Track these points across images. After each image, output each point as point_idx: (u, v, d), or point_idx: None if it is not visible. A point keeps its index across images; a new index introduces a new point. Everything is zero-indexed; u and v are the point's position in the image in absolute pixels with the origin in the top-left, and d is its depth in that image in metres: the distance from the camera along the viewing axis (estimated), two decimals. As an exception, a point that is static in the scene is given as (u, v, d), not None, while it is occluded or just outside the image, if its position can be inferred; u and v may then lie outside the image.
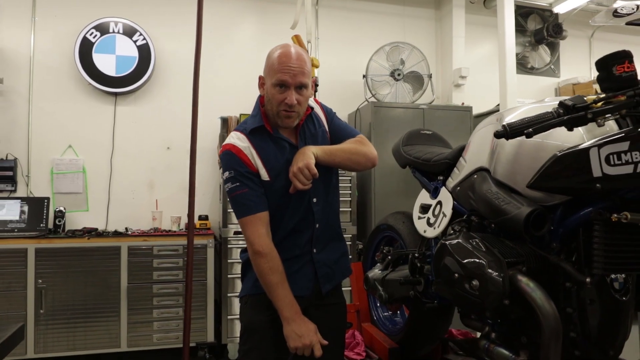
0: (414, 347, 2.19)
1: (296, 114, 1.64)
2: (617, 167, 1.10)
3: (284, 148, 1.69)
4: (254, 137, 1.67)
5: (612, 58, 1.10)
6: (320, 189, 1.74)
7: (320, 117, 1.83)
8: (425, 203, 2.00)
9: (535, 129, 1.13)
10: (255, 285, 1.72)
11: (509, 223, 1.35)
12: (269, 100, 1.65)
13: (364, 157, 1.76)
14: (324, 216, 1.76)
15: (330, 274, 1.78)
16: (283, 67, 1.59)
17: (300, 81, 1.61)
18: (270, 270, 1.60)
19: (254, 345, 1.71)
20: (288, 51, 1.61)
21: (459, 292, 1.37)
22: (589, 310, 1.29)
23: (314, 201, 1.72)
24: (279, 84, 1.60)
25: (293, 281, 1.68)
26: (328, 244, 1.80)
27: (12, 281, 3.47)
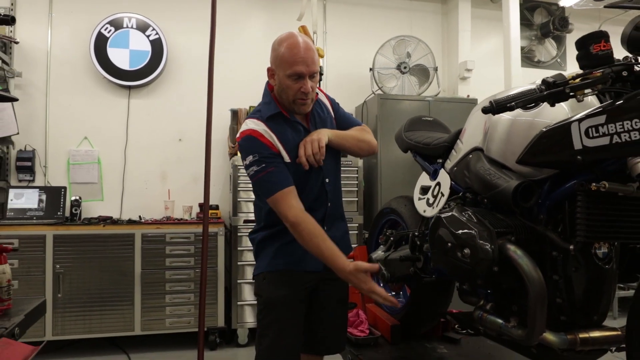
0: (415, 323, 2.29)
1: (310, 100, 1.76)
2: (595, 139, 1.18)
3: (299, 131, 1.80)
4: (271, 123, 1.75)
5: (589, 38, 1.19)
6: (331, 171, 1.87)
7: (327, 105, 1.94)
8: (425, 185, 2.09)
9: (517, 103, 1.22)
10: (272, 263, 1.82)
11: (499, 196, 1.44)
12: (284, 90, 1.73)
13: (368, 144, 1.92)
14: (334, 196, 1.89)
15: None
16: (296, 59, 1.67)
17: (314, 70, 1.71)
18: (310, 236, 1.67)
19: (273, 319, 1.79)
20: (296, 42, 1.70)
21: (452, 260, 1.47)
22: (573, 277, 1.38)
23: (326, 181, 1.83)
24: (294, 75, 1.68)
25: (308, 257, 1.77)
26: (335, 223, 1.91)
27: (32, 266, 3.62)
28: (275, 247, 1.83)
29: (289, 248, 1.80)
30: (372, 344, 2.25)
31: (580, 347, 1.36)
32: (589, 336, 1.37)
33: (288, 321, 1.79)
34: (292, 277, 1.81)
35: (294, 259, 1.80)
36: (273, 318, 1.79)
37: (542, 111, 1.42)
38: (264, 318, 1.82)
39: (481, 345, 2.26)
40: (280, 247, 1.82)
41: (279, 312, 1.79)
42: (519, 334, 1.43)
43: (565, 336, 1.36)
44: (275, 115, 1.76)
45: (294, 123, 1.79)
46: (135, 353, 3.78)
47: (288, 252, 1.81)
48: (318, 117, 1.87)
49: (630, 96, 1.13)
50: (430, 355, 2.13)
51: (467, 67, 4.81)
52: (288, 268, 1.81)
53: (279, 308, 1.79)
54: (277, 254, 1.83)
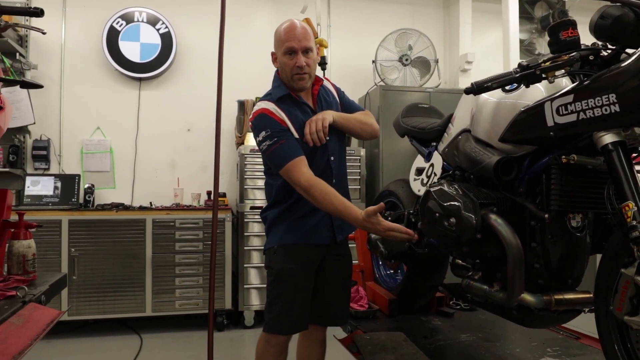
0: (411, 298, 2.44)
1: (308, 75, 1.91)
2: (564, 117, 1.32)
3: (306, 112, 1.95)
4: (281, 104, 1.91)
5: (559, 25, 1.33)
6: (336, 150, 2.01)
7: (332, 91, 2.10)
8: (420, 166, 2.24)
9: (494, 84, 1.36)
10: (284, 238, 1.96)
11: (483, 171, 1.59)
12: (282, 69, 1.92)
13: (370, 127, 2.07)
14: (339, 173, 2.02)
15: (342, 225, 2.01)
16: (289, 37, 1.86)
17: (305, 45, 1.87)
18: (323, 195, 1.78)
19: (284, 290, 1.93)
20: (292, 23, 1.89)
21: (439, 229, 1.61)
22: (549, 244, 1.51)
23: (331, 159, 1.98)
24: (287, 51, 1.86)
25: (316, 231, 1.95)
26: None
27: (48, 249, 3.79)
28: (285, 224, 1.97)
29: (298, 223, 1.95)
30: (370, 317, 2.40)
31: (555, 307, 1.50)
32: (563, 297, 1.51)
33: (297, 292, 1.93)
34: (301, 250, 1.95)
35: (302, 233, 1.94)
36: (283, 288, 1.93)
37: (522, 94, 1.56)
38: (274, 288, 1.95)
39: (473, 319, 2.41)
40: (290, 223, 1.96)
41: (289, 283, 1.93)
42: (501, 297, 1.57)
43: (542, 297, 1.50)
44: (284, 96, 1.92)
45: (301, 104, 1.94)
46: (147, 333, 3.96)
47: (297, 227, 1.95)
48: (324, 101, 2.02)
49: (594, 77, 1.27)
50: (424, 326, 2.28)
51: (467, 60, 4.94)
52: (297, 242, 1.95)
53: (289, 279, 1.93)
54: (287, 229, 1.96)
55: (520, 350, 1.97)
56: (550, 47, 1.35)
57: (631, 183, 1.22)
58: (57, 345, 3.68)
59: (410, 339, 2.03)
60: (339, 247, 2.05)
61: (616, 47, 1.33)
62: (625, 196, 1.22)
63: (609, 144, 1.27)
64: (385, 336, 2.06)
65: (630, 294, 1.21)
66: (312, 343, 2.08)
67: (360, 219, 1.74)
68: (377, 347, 1.92)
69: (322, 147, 1.90)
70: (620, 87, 1.21)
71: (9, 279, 1.87)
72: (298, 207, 1.94)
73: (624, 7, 1.25)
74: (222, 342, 3.79)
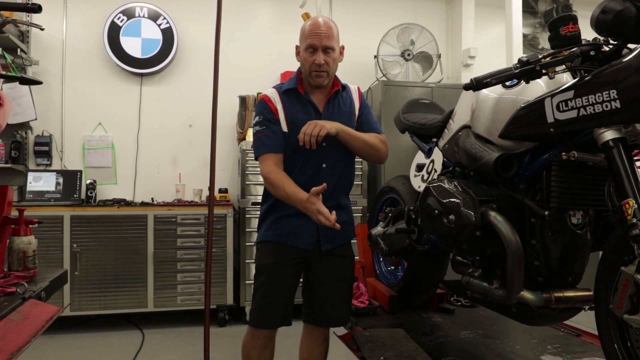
0: (411, 294, 2.44)
1: (326, 74, 1.91)
2: (565, 113, 1.31)
3: (308, 109, 1.95)
4: (285, 96, 1.95)
5: (559, 20, 1.31)
6: (332, 159, 1.96)
7: (354, 101, 2.06)
8: (420, 162, 2.23)
9: (493, 80, 1.35)
10: (264, 235, 2.01)
11: (482, 168, 1.57)
12: (303, 64, 1.94)
13: (377, 153, 2.01)
14: (332, 182, 1.95)
15: (331, 236, 1.97)
16: (312, 33, 1.88)
17: (326, 44, 1.88)
18: (277, 183, 1.85)
19: (260, 284, 1.99)
20: (317, 21, 1.92)
21: (438, 226, 1.60)
22: (549, 242, 1.50)
23: (323, 166, 1.95)
24: (308, 47, 1.89)
25: (298, 235, 1.95)
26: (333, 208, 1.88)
27: (50, 245, 3.80)
28: (269, 220, 2.01)
29: (280, 222, 1.97)
30: (370, 314, 2.39)
31: (555, 305, 1.49)
32: (563, 295, 1.50)
33: (273, 287, 1.96)
34: (279, 249, 1.96)
35: (283, 233, 1.96)
36: (260, 283, 1.99)
37: (523, 90, 1.54)
38: (255, 282, 2.03)
39: (474, 315, 2.40)
40: (273, 221, 1.99)
41: (265, 278, 1.97)
42: (500, 294, 1.57)
43: (541, 295, 1.49)
44: (291, 89, 1.95)
45: (305, 102, 1.95)
46: (149, 329, 3.97)
47: (279, 226, 1.97)
48: (336, 107, 1.99)
49: (595, 73, 1.25)
50: (424, 323, 2.27)
51: (470, 54, 4.91)
52: (276, 240, 1.97)
53: (266, 274, 1.98)
54: (269, 227, 2.00)
55: (521, 347, 1.97)
56: (550, 43, 1.34)
57: (632, 180, 1.21)
58: (60, 341, 3.70)
59: (410, 335, 2.03)
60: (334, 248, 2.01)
61: (617, 43, 1.32)
62: (626, 193, 1.21)
63: (610, 140, 1.26)
64: (385, 333, 2.06)
65: (630, 292, 1.20)
66: (314, 342, 2.07)
67: (304, 199, 1.77)
68: (377, 344, 1.92)
69: (314, 151, 1.87)
70: (621, 83, 1.20)
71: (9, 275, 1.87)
72: (282, 206, 1.94)
73: (625, 1, 1.24)
74: (223, 337, 3.80)
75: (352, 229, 2.12)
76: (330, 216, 1.73)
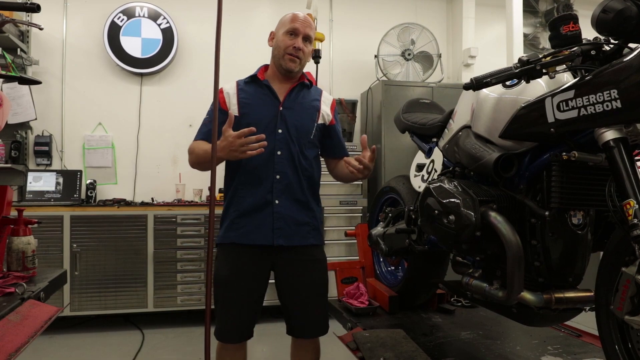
0: (412, 294, 2.43)
1: (299, 60, 1.93)
2: (565, 112, 1.30)
3: (264, 94, 1.96)
4: (246, 85, 1.98)
5: (560, 19, 1.31)
6: (290, 148, 1.90)
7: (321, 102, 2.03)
8: (420, 163, 2.22)
9: (493, 79, 1.34)
10: (225, 236, 1.94)
11: (482, 168, 1.57)
12: (277, 47, 1.95)
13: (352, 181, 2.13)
14: (287, 172, 1.91)
15: (287, 231, 1.90)
16: (295, 19, 1.92)
17: (308, 33, 1.93)
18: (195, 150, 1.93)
19: (218, 297, 1.93)
20: (299, 13, 1.96)
21: (438, 226, 1.59)
22: (550, 242, 1.49)
23: (278, 153, 1.89)
24: (290, 31, 1.91)
25: (257, 232, 1.88)
26: (294, 206, 1.93)
27: (50, 245, 3.80)
28: (228, 220, 1.94)
29: (239, 221, 1.90)
30: (370, 314, 2.38)
31: (555, 306, 1.48)
32: (563, 296, 1.49)
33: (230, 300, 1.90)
34: (240, 251, 1.90)
35: (242, 232, 1.89)
36: (218, 295, 1.93)
37: (523, 90, 1.54)
38: (213, 290, 1.94)
39: (474, 316, 2.39)
40: (232, 220, 1.92)
41: (222, 291, 1.91)
42: (500, 295, 1.56)
43: (542, 295, 1.48)
44: (252, 77, 1.99)
45: (264, 86, 1.97)
46: (149, 329, 3.97)
47: (238, 225, 1.90)
48: (299, 98, 1.98)
49: (595, 73, 1.24)
50: (424, 323, 2.26)
51: (470, 54, 4.90)
52: (237, 242, 1.91)
53: (222, 286, 1.92)
54: (229, 227, 1.93)
55: (521, 348, 1.96)
56: (551, 42, 1.33)
57: (633, 180, 1.20)
58: (60, 341, 3.69)
59: (410, 336, 2.01)
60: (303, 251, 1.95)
61: (618, 42, 1.31)
62: (627, 194, 1.20)
63: (611, 140, 1.25)
64: (385, 333, 2.05)
65: (631, 293, 1.19)
66: (304, 351, 2.03)
67: (218, 142, 1.74)
68: (377, 345, 1.91)
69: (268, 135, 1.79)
70: (622, 83, 1.19)
71: (8, 276, 1.87)
72: (238, 203, 1.90)
73: (626, 0, 1.23)
74: (223, 337, 3.79)
75: (314, 233, 1.98)
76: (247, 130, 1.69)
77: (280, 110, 1.93)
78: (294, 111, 1.95)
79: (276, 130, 1.89)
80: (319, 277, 2.00)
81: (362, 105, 4.87)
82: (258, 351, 3.53)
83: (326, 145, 2.07)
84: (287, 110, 1.94)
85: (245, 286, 1.90)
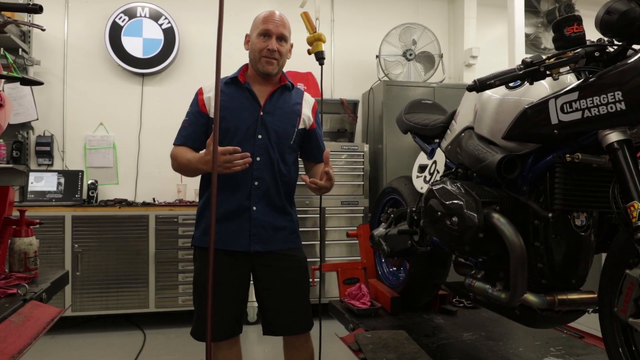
0: (414, 295, 2.42)
1: (276, 62, 1.90)
2: (569, 114, 1.30)
3: (245, 97, 1.93)
4: (225, 86, 1.93)
5: (564, 21, 1.30)
6: (269, 152, 1.89)
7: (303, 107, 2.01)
8: (422, 164, 2.22)
9: (497, 81, 1.34)
10: (202, 239, 1.92)
11: (485, 169, 1.56)
12: (253, 50, 1.92)
13: None
14: (266, 178, 1.90)
15: (264, 237, 1.89)
16: (267, 20, 1.89)
17: (281, 32, 1.89)
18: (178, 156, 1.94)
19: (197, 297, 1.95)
20: (272, 11, 1.93)
21: (441, 228, 1.59)
22: (553, 244, 1.49)
23: (257, 159, 1.87)
24: (262, 33, 1.88)
25: (233, 239, 1.86)
26: (271, 211, 1.92)
27: (52, 245, 3.80)
28: (204, 224, 1.92)
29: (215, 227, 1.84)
30: (372, 315, 2.38)
31: (558, 308, 1.48)
32: (566, 297, 1.49)
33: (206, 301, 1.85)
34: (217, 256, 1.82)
35: (218, 237, 1.83)
36: (197, 295, 1.95)
37: (526, 91, 1.53)
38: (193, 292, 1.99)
39: (476, 317, 2.39)
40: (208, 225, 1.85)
41: (200, 292, 1.91)
42: (503, 297, 1.56)
43: (545, 297, 1.48)
44: (232, 79, 1.95)
45: (244, 89, 1.93)
46: (150, 329, 3.97)
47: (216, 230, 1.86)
48: (280, 102, 1.95)
49: (599, 74, 1.24)
50: (426, 325, 2.26)
51: (472, 54, 4.90)
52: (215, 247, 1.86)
53: (200, 287, 1.91)
54: (205, 231, 1.91)
55: (524, 349, 1.95)
56: (554, 43, 1.32)
57: (637, 182, 1.20)
58: (61, 341, 3.69)
59: (412, 337, 2.01)
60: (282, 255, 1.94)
61: (622, 43, 1.31)
62: (631, 196, 1.20)
63: (615, 142, 1.25)
64: (387, 335, 2.04)
65: (635, 295, 1.19)
66: (295, 350, 2.02)
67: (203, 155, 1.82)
68: (379, 346, 1.91)
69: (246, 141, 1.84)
70: (626, 85, 1.18)
71: (10, 277, 1.87)
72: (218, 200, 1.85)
73: (630, 2, 1.23)
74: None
75: (292, 237, 1.99)
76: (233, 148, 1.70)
77: (260, 115, 1.91)
78: (274, 116, 1.93)
79: (256, 135, 1.88)
80: (300, 277, 2.00)
81: (364, 105, 4.87)
82: (259, 351, 3.53)
83: (305, 149, 2.05)
84: (267, 115, 1.92)
85: (226, 289, 1.87)
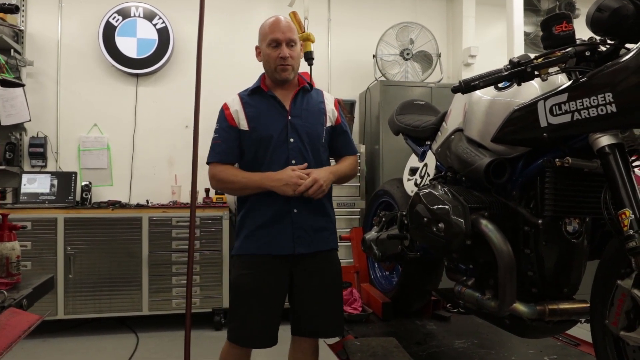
0: (405, 301, 2.37)
1: (291, 67, 1.91)
2: (558, 117, 1.24)
3: (272, 105, 1.93)
4: (249, 97, 1.94)
5: (552, 19, 1.24)
6: (303, 154, 1.91)
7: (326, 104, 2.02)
8: (413, 166, 2.16)
9: (482, 82, 1.28)
10: (243, 247, 1.93)
11: (474, 173, 1.50)
12: (266, 61, 1.92)
13: (348, 179, 2.08)
14: None
15: (307, 239, 1.90)
16: (274, 29, 1.88)
17: (290, 37, 1.89)
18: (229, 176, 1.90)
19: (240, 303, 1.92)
20: (276, 18, 1.92)
21: (427, 234, 1.53)
22: (544, 251, 1.43)
23: (292, 162, 1.89)
24: (272, 43, 1.88)
25: (276, 243, 1.88)
26: (311, 213, 1.92)
27: (44, 247, 3.76)
28: (247, 231, 1.93)
29: (258, 234, 1.89)
30: (363, 321, 2.33)
31: (549, 318, 1.42)
32: (557, 307, 1.43)
33: (252, 306, 1.88)
34: (260, 262, 1.89)
35: (262, 243, 1.88)
36: (239, 301, 1.91)
37: (516, 92, 1.47)
38: (232, 298, 1.96)
39: (470, 323, 2.33)
40: (251, 232, 1.91)
41: (244, 297, 1.90)
42: (492, 306, 1.50)
43: (535, 307, 1.42)
44: (255, 89, 1.95)
45: (269, 97, 1.93)
46: (143, 332, 3.93)
47: (257, 237, 1.90)
48: (304, 104, 1.96)
49: (590, 75, 1.18)
50: (418, 331, 2.21)
51: (470, 54, 4.83)
52: (255, 253, 1.89)
53: (244, 293, 1.90)
54: (247, 238, 1.92)
55: (517, 358, 1.90)
56: (543, 42, 1.26)
57: (629, 189, 1.14)
58: (53, 344, 3.66)
59: (402, 345, 1.96)
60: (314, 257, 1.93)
61: (614, 42, 1.25)
62: (622, 203, 1.14)
63: (606, 146, 1.19)
64: (376, 342, 1.99)
65: (627, 307, 1.13)
66: (303, 354, 1.98)
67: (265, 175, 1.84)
68: (367, 354, 1.85)
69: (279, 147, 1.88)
70: (617, 86, 1.12)
71: (-11, 283, 1.82)
72: (256, 215, 1.90)
73: (622, -2, 1.16)
74: (218, 341, 3.69)
75: (332, 238, 2.00)
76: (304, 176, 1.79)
77: (289, 120, 1.92)
78: (302, 118, 1.94)
79: (288, 139, 1.90)
80: (336, 281, 2.01)
81: (361, 105, 4.81)
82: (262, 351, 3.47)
83: (333, 145, 2.05)
84: (295, 118, 1.94)
85: (270, 293, 1.90)
